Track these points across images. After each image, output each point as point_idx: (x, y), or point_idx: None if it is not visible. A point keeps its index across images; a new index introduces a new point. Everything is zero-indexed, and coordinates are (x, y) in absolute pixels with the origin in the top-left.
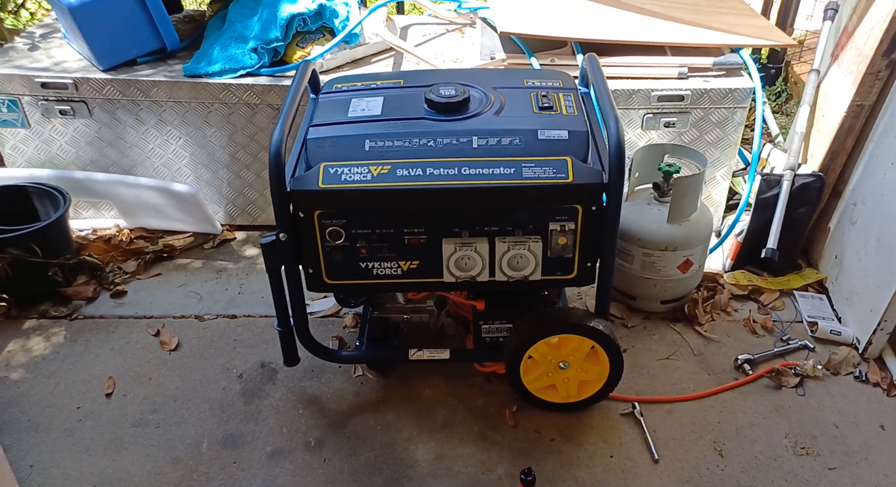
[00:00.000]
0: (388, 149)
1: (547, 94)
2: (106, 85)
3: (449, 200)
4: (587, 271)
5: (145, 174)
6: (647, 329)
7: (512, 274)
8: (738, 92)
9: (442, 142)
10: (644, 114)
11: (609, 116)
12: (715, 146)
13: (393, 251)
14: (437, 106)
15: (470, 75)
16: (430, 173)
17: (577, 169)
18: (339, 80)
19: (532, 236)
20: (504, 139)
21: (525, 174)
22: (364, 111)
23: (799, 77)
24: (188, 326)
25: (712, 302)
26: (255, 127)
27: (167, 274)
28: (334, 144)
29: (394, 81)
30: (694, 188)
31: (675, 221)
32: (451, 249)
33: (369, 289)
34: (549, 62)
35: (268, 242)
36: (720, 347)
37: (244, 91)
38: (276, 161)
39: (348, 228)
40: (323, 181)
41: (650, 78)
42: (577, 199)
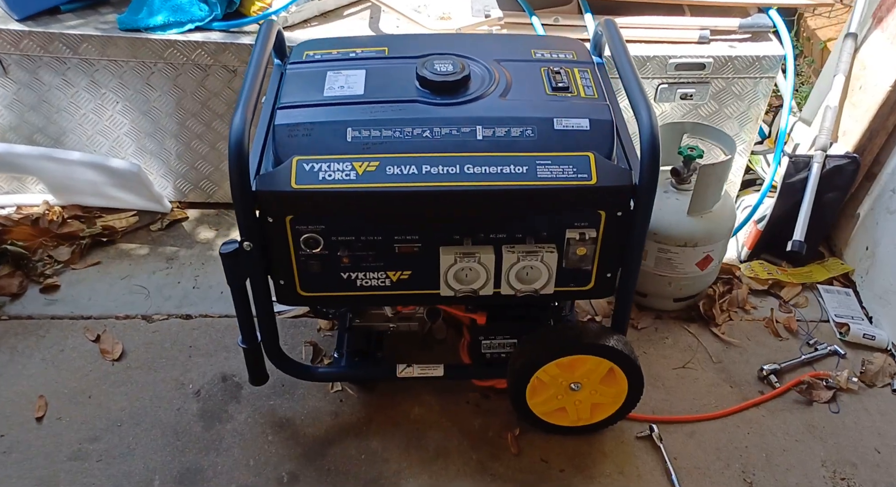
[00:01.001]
0: (374, 140)
1: (560, 71)
2: (22, 38)
3: (449, 204)
4: (606, 282)
5: (78, 144)
6: (660, 331)
7: (521, 288)
8: (767, 59)
9: (440, 133)
10: (658, 85)
11: (639, 102)
12: (735, 120)
13: (380, 260)
14: (431, 85)
15: (467, 43)
16: (426, 172)
17: (602, 167)
18: (310, 44)
19: (546, 245)
20: (514, 129)
21: (540, 173)
22: (343, 89)
23: (813, 32)
24: (134, 329)
25: (729, 299)
26: (207, 91)
27: (108, 262)
28: (309, 133)
29: (377, 50)
30: (720, 177)
31: (697, 213)
32: (449, 260)
33: (352, 302)
34: (552, 22)
35: (228, 252)
36: (741, 353)
37: (193, 49)
38: (238, 153)
39: (327, 235)
40: (297, 180)
41: (667, 42)
42: (602, 204)
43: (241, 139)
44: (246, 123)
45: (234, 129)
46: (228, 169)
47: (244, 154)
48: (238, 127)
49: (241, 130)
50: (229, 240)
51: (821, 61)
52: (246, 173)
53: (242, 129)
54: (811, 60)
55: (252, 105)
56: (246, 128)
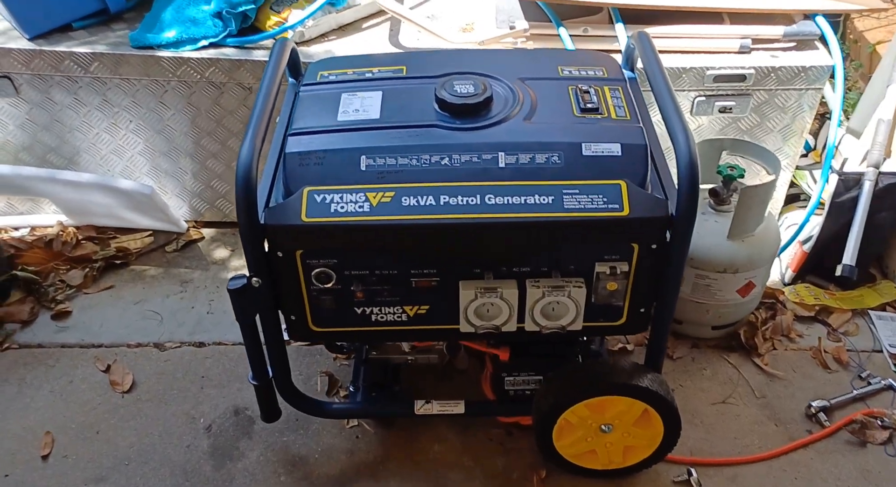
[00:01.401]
0: (390, 168)
1: (589, 89)
2: (33, 58)
3: (468, 238)
4: (640, 317)
5: (92, 163)
6: (697, 361)
7: (546, 325)
8: (814, 70)
9: (459, 160)
10: (695, 97)
11: (675, 124)
12: (778, 134)
13: (396, 294)
14: (451, 108)
15: (489, 60)
16: (444, 203)
17: (635, 197)
18: (324, 64)
19: (573, 279)
20: (539, 155)
21: (567, 204)
22: (358, 112)
23: (861, 34)
24: (146, 358)
25: (772, 326)
26: (222, 109)
27: (121, 286)
28: (321, 161)
29: (394, 69)
30: (763, 199)
31: (738, 237)
32: (470, 295)
33: (367, 338)
34: (581, 32)
35: (237, 288)
36: (786, 387)
37: (206, 67)
38: (246, 185)
39: (340, 269)
40: (307, 213)
41: (705, 52)
42: (635, 237)
43: (249, 170)
44: (254, 153)
45: (241, 161)
46: (235, 201)
47: (252, 186)
48: (246, 158)
49: (249, 161)
50: (237, 275)
51: (869, 66)
52: (254, 206)
53: (250, 161)
54: (859, 64)
55: (262, 133)
56: (254, 158)
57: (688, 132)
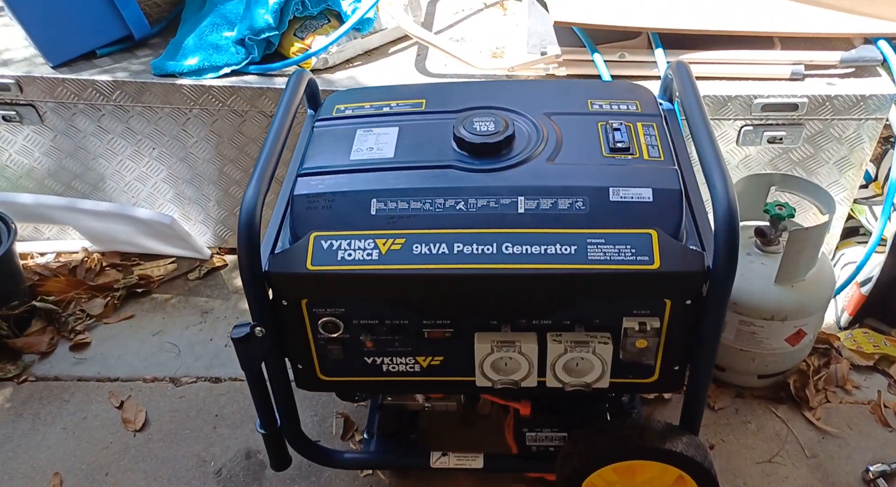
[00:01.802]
0: (402, 213)
1: (620, 126)
2: (57, 86)
3: (483, 289)
4: (673, 375)
5: (116, 190)
6: (741, 412)
7: (569, 381)
8: (874, 99)
9: (476, 205)
10: (742, 127)
11: (713, 168)
12: (834, 166)
13: (408, 345)
14: (469, 147)
15: (514, 93)
16: (458, 251)
17: (667, 248)
18: (342, 96)
19: (598, 334)
20: (562, 201)
21: (591, 255)
22: (372, 151)
23: None
24: (160, 394)
25: (826, 376)
26: (244, 137)
27: (141, 315)
28: (330, 204)
29: (413, 102)
30: (815, 242)
31: (787, 282)
32: (485, 349)
33: (378, 388)
34: (617, 58)
35: (240, 337)
36: (841, 446)
37: (228, 95)
38: (248, 231)
39: (348, 318)
40: (313, 260)
41: (752, 78)
42: (666, 293)
43: (252, 216)
44: (259, 197)
45: (245, 205)
46: (237, 246)
47: (255, 232)
48: (250, 202)
49: (253, 206)
50: (241, 323)
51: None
52: (256, 253)
53: (254, 205)
54: None
55: (268, 175)
56: (258, 203)
57: (726, 178)
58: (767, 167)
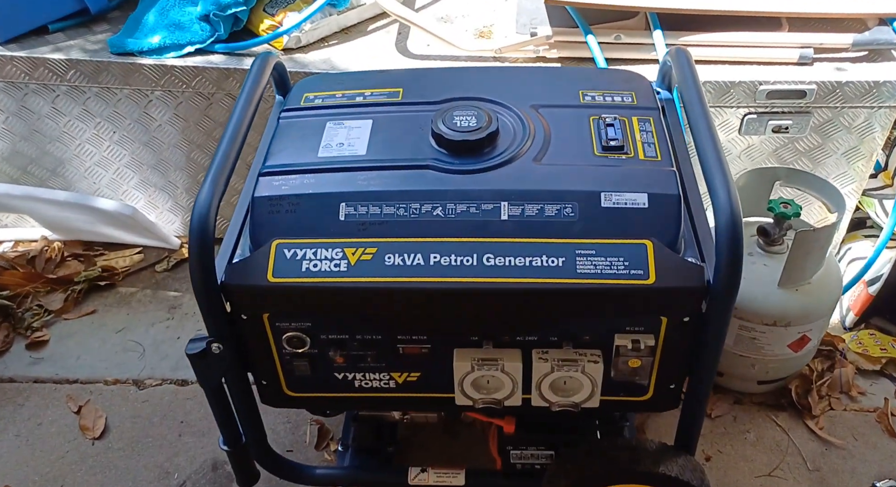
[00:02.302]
0: (373, 218)
1: (614, 122)
2: (5, 64)
3: (463, 305)
4: (669, 393)
5: (76, 175)
6: (739, 421)
7: (556, 401)
8: (888, 85)
9: (455, 211)
10: (745, 115)
11: (714, 172)
12: (842, 156)
13: (382, 361)
14: (449, 145)
15: (498, 81)
16: (434, 263)
17: (663, 261)
18: (312, 83)
19: (588, 351)
20: (549, 207)
21: (580, 267)
22: (342, 147)
23: None
24: (122, 397)
25: (830, 381)
26: (212, 121)
27: (104, 311)
28: (294, 208)
29: (389, 91)
30: (823, 244)
31: (791, 286)
32: (465, 367)
33: (350, 404)
34: (612, 39)
35: (195, 353)
36: (845, 458)
37: (193, 76)
38: (200, 238)
39: (315, 333)
40: (275, 272)
41: (757, 62)
42: (662, 309)
43: (206, 222)
44: (213, 200)
45: (197, 209)
46: (189, 255)
47: (208, 240)
48: (202, 206)
49: (206, 210)
50: (197, 337)
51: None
52: (210, 263)
53: (208, 209)
54: None
55: (225, 175)
56: (213, 206)
57: (729, 184)
58: (771, 157)
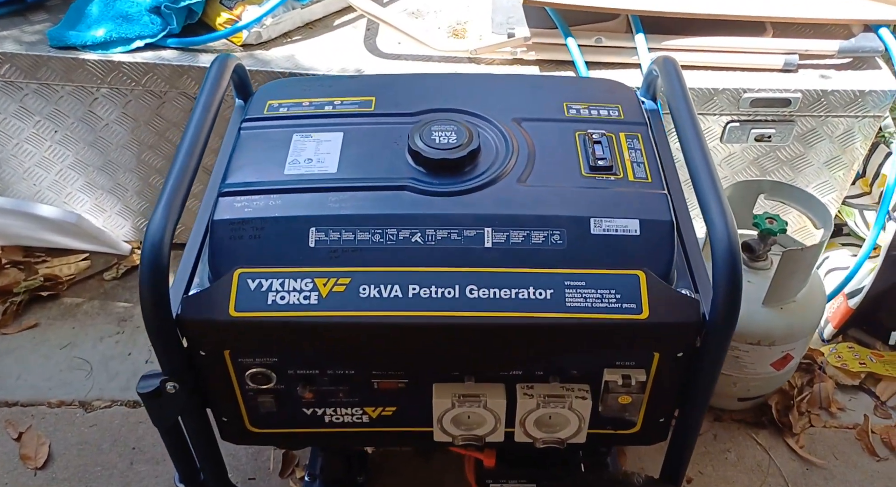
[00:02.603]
0: (346, 245)
1: (601, 139)
2: None
3: (444, 340)
4: (658, 427)
5: (15, 176)
6: (720, 439)
7: (541, 437)
8: (874, 95)
9: (435, 237)
10: (727, 123)
11: (710, 200)
12: (824, 166)
13: (355, 396)
14: (427, 163)
15: (478, 91)
16: (413, 295)
17: (657, 294)
18: (276, 89)
19: (576, 386)
20: (536, 233)
21: (570, 301)
22: (311, 164)
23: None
24: (68, 422)
25: (810, 397)
26: (164, 121)
27: (47, 324)
28: (259, 233)
29: (360, 100)
30: (810, 262)
31: (777, 304)
32: (445, 404)
33: (319, 440)
34: (593, 42)
35: (148, 392)
36: (826, 479)
37: (143, 73)
38: (153, 268)
39: (282, 368)
40: (237, 305)
41: (742, 69)
42: (655, 345)
43: (159, 249)
44: (168, 225)
45: (149, 235)
46: (139, 286)
47: (161, 270)
48: (155, 232)
49: (160, 237)
50: (149, 373)
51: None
52: (163, 295)
53: (161, 236)
54: None
55: (180, 197)
56: (167, 233)
57: (727, 216)
58: (752, 166)
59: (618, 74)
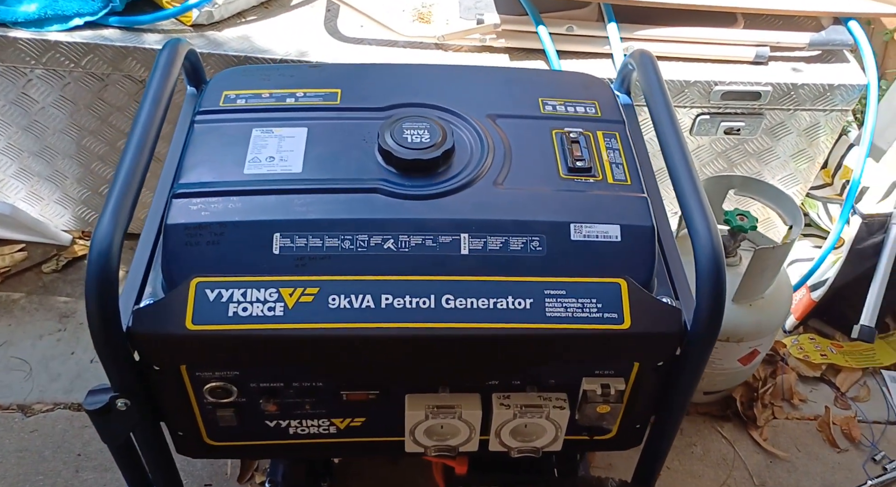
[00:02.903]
0: (314, 252)
1: (579, 138)
2: None
3: (419, 352)
4: (633, 433)
5: None
6: (686, 433)
7: (517, 446)
8: (843, 89)
9: (408, 244)
10: (697, 115)
11: (693, 207)
12: (791, 159)
13: (322, 407)
14: (400, 164)
15: (450, 84)
16: (386, 305)
17: (638, 303)
18: (232, 78)
19: (553, 395)
20: (514, 240)
21: (550, 310)
22: (273, 162)
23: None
24: (6, 427)
25: (773, 388)
26: (107, 105)
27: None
28: (217, 239)
29: (325, 92)
30: (780, 260)
31: (746, 301)
32: (418, 416)
33: (283, 452)
34: (564, 30)
35: (96, 409)
36: (789, 471)
37: (82, 54)
38: (100, 279)
39: (243, 382)
40: (194, 318)
41: (712, 60)
42: (636, 355)
43: (108, 258)
44: (116, 232)
45: (96, 243)
46: (85, 298)
47: (110, 280)
48: (103, 239)
49: (108, 245)
50: (97, 387)
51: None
52: (112, 308)
53: (110, 244)
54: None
55: (131, 198)
56: (115, 241)
57: (710, 222)
58: (719, 158)
59: (590, 64)
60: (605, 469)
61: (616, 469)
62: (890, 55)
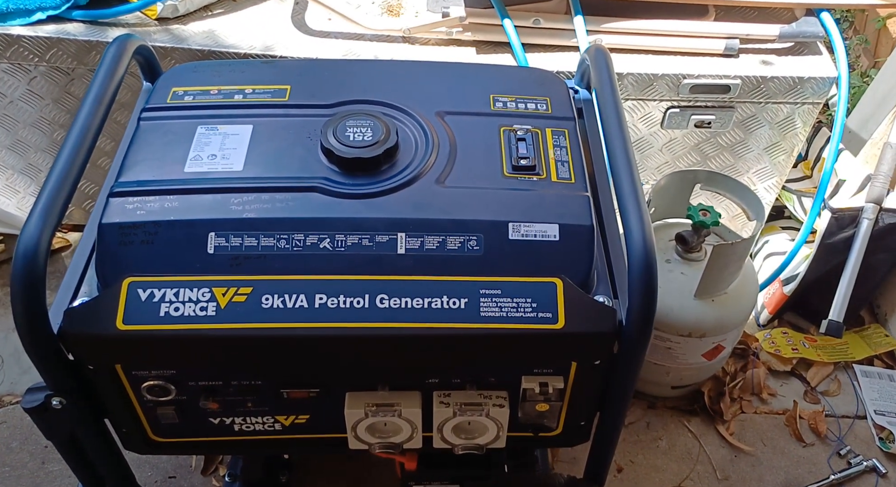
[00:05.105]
0: (248, 252)
1: (526, 136)
2: None
3: (353, 353)
4: (579, 429)
5: None
6: (652, 427)
7: (459, 443)
8: (813, 82)
9: (345, 243)
10: (668, 109)
11: (629, 204)
12: (764, 151)
13: (264, 405)
14: (340, 162)
15: (401, 80)
16: (320, 305)
17: (573, 302)
18: (182, 74)
19: (493, 394)
20: (452, 239)
21: (484, 310)
22: (215, 160)
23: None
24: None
25: (742, 383)
26: (75, 100)
27: None
28: (151, 238)
29: (274, 88)
30: (740, 256)
31: (708, 297)
32: (358, 414)
33: (230, 448)
34: (531, 23)
35: (34, 408)
36: (754, 466)
37: (46, 48)
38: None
39: (181, 380)
40: (125, 318)
41: (681, 53)
42: (572, 354)
43: (34, 259)
44: (44, 232)
45: (22, 242)
46: (11, 298)
47: (36, 279)
48: (30, 239)
49: (35, 245)
50: (35, 386)
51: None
52: (39, 309)
53: (36, 244)
54: (863, 39)
55: (61, 200)
56: (42, 241)
57: (644, 220)
58: (693, 151)
59: (556, 57)
60: (569, 463)
61: (580, 462)
62: (882, 43)
